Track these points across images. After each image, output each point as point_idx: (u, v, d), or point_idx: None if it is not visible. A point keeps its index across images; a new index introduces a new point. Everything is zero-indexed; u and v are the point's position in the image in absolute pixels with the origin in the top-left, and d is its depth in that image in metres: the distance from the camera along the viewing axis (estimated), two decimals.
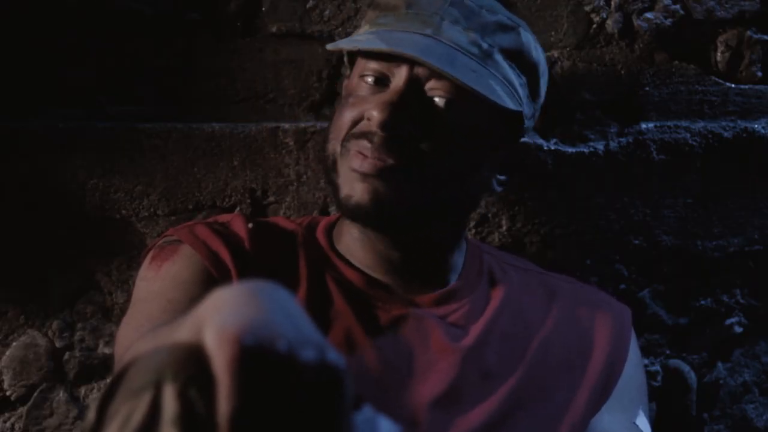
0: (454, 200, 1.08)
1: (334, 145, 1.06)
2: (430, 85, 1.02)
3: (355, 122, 1.04)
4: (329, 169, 1.07)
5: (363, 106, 1.04)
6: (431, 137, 1.01)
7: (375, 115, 1.00)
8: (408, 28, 1.03)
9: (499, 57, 1.04)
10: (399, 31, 1.03)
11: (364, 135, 1.02)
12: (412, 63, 1.01)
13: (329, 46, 1.07)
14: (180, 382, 0.55)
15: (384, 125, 1.00)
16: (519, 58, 1.06)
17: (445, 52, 1.01)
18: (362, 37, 1.05)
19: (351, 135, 1.04)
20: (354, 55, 1.13)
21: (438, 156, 1.02)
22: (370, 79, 1.05)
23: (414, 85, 1.02)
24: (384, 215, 1.03)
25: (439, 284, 1.11)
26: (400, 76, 1.02)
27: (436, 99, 1.02)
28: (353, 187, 1.02)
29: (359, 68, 1.07)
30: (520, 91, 1.06)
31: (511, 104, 1.03)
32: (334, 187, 1.06)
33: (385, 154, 1.00)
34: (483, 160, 1.08)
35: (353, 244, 1.10)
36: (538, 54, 1.10)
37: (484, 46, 1.03)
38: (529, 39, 1.08)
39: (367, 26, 1.08)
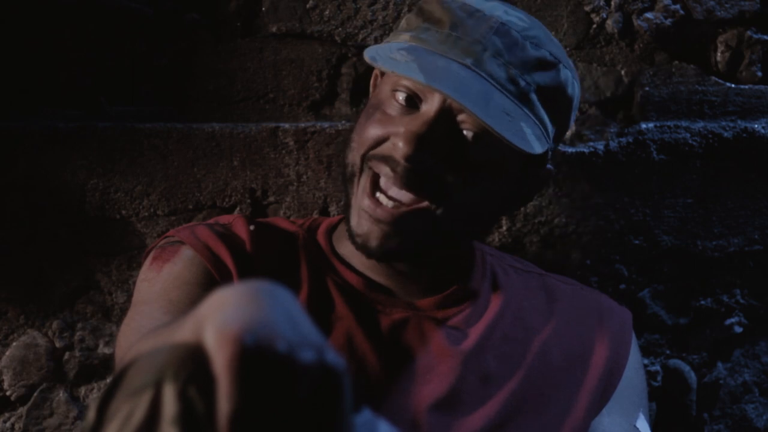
0: (473, 230, 1.10)
1: (354, 157, 1.04)
2: (462, 117, 1.00)
3: (379, 141, 1.02)
4: (347, 179, 1.06)
5: (390, 127, 1.02)
6: (456, 171, 1.01)
7: (401, 146, 0.99)
8: (448, 53, 1.01)
9: (534, 97, 1.02)
10: (439, 54, 1.01)
11: (387, 160, 1.01)
12: (444, 96, 0.99)
13: (367, 59, 1.03)
14: (180, 381, 0.55)
15: (409, 158, 0.98)
16: (555, 96, 1.05)
17: (481, 89, 0.99)
18: (400, 56, 1.01)
19: (373, 155, 1.02)
20: None
21: (462, 190, 1.01)
22: (401, 97, 1.02)
23: (445, 115, 1.00)
24: (390, 256, 1.05)
25: (441, 288, 1.11)
26: (432, 103, 1.00)
27: (465, 132, 1.00)
28: (361, 225, 1.02)
29: (392, 79, 1.04)
30: (550, 127, 1.05)
31: (539, 148, 1.01)
32: (347, 204, 1.05)
33: (406, 186, 1.00)
34: (507, 191, 1.07)
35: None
36: (574, 90, 1.08)
37: (522, 84, 1.01)
38: (567, 75, 1.06)
39: (407, 36, 1.05)
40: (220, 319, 0.55)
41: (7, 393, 1.30)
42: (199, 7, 1.31)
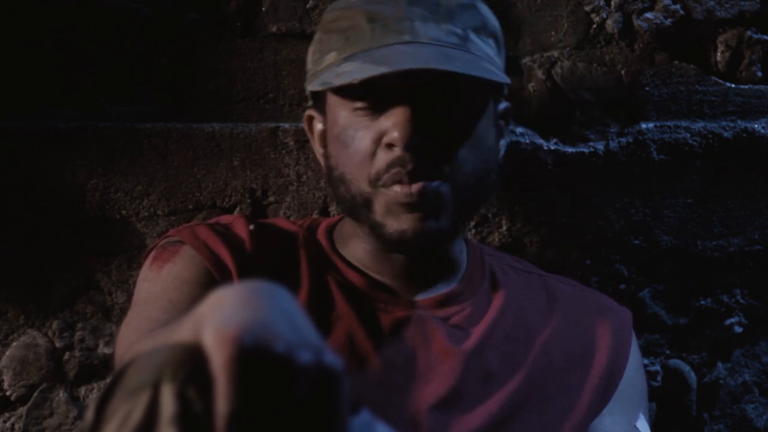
0: (484, 192, 1.10)
1: (359, 187, 1.02)
2: (431, 90, 1.00)
3: (373, 155, 1.01)
4: (359, 207, 1.03)
5: (373, 134, 1.01)
6: (453, 140, 1.01)
7: (396, 135, 0.98)
8: (386, 41, 1.00)
9: (473, 37, 1.04)
10: (377, 48, 1.00)
11: (394, 164, 1.00)
12: (406, 78, 0.97)
13: (320, 88, 1.02)
14: (178, 381, 0.55)
15: (409, 144, 0.98)
16: (485, 31, 1.06)
17: (435, 53, 0.99)
18: (349, 67, 0.99)
19: (377, 173, 1.01)
20: (324, 93, 1.06)
21: (465, 153, 1.02)
22: (367, 109, 1.01)
23: (420, 97, 0.99)
24: (430, 245, 1.04)
25: (442, 286, 1.11)
26: (400, 92, 0.99)
27: (442, 103, 1.01)
28: (400, 219, 1.01)
29: (346, 102, 1.02)
30: (497, 60, 1.07)
31: (506, 78, 1.05)
32: (372, 224, 1.03)
33: (422, 174, 0.99)
34: (493, 136, 1.09)
35: (356, 246, 1.10)
36: (494, 19, 1.10)
37: (459, 32, 1.03)
38: (485, 9, 1.09)
39: (334, 54, 1.03)
40: (218, 320, 0.55)
41: (7, 393, 1.30)
42: (199, 7, 1.31)
